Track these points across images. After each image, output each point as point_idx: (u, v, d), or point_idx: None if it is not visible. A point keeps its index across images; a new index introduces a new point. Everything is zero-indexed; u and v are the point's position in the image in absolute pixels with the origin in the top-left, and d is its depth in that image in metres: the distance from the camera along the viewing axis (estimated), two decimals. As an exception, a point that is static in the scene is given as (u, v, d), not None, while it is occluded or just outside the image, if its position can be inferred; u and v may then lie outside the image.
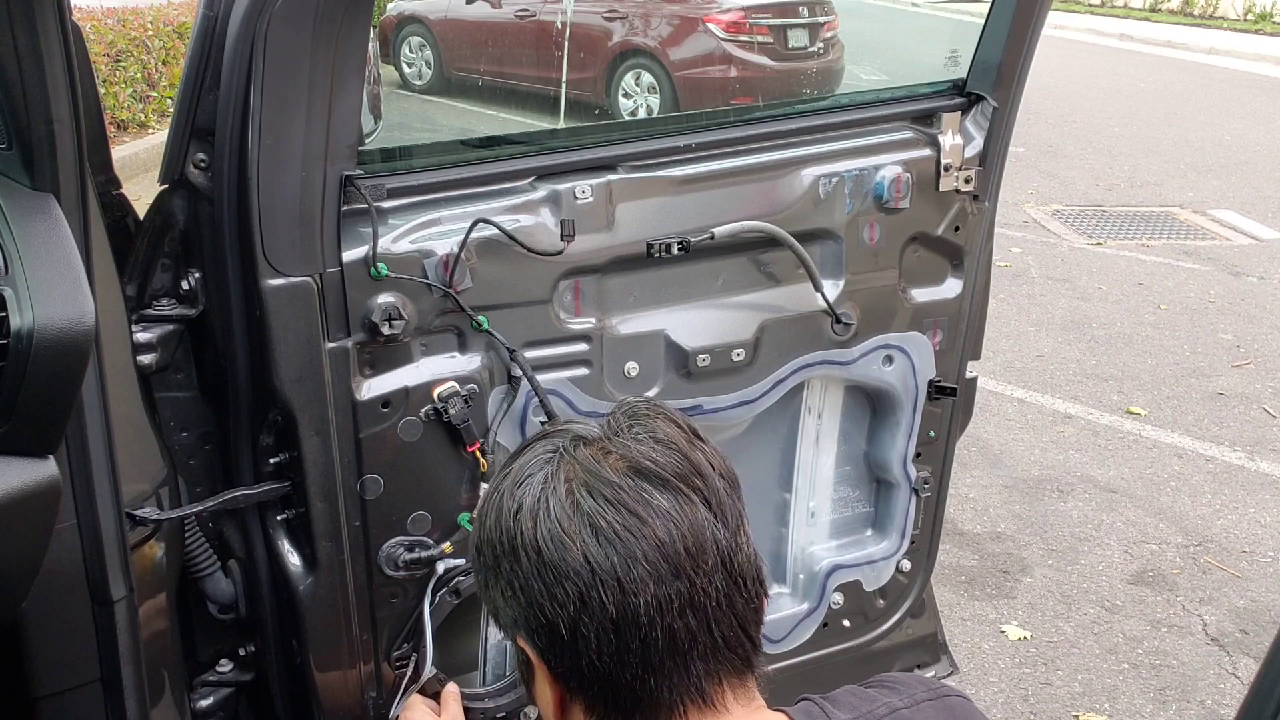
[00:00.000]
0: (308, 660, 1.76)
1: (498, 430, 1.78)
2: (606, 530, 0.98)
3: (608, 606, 0.98)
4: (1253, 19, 18.28)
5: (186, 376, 1.72)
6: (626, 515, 0.99)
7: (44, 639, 1.46)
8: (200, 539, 1.73)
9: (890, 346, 2.12)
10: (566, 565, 0.98)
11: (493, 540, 1.04)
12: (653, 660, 0.99)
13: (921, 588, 2.35)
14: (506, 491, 1.05)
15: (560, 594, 0.98)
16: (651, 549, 0.98)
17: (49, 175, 1.30)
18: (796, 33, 7.87)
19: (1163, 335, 5.68)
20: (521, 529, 1.01)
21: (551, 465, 1.04)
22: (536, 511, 1.01)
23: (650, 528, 0.99)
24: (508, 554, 1.02)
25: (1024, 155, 8.98)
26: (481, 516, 1.09)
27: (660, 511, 0.99)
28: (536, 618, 1.01)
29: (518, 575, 1.01)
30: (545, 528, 0.99)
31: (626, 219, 1.83)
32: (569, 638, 0.99)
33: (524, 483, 1.04)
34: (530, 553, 1.00)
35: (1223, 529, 3.93)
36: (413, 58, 9.00)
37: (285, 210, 1.55)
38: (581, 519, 0.99)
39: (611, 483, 1.00)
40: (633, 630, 0.98)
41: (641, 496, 1.00)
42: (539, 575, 0.99)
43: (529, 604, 1.01)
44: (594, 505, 0.99)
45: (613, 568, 0.98)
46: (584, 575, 0.98)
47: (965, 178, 2.07)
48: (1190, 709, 3.04)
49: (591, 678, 1.00)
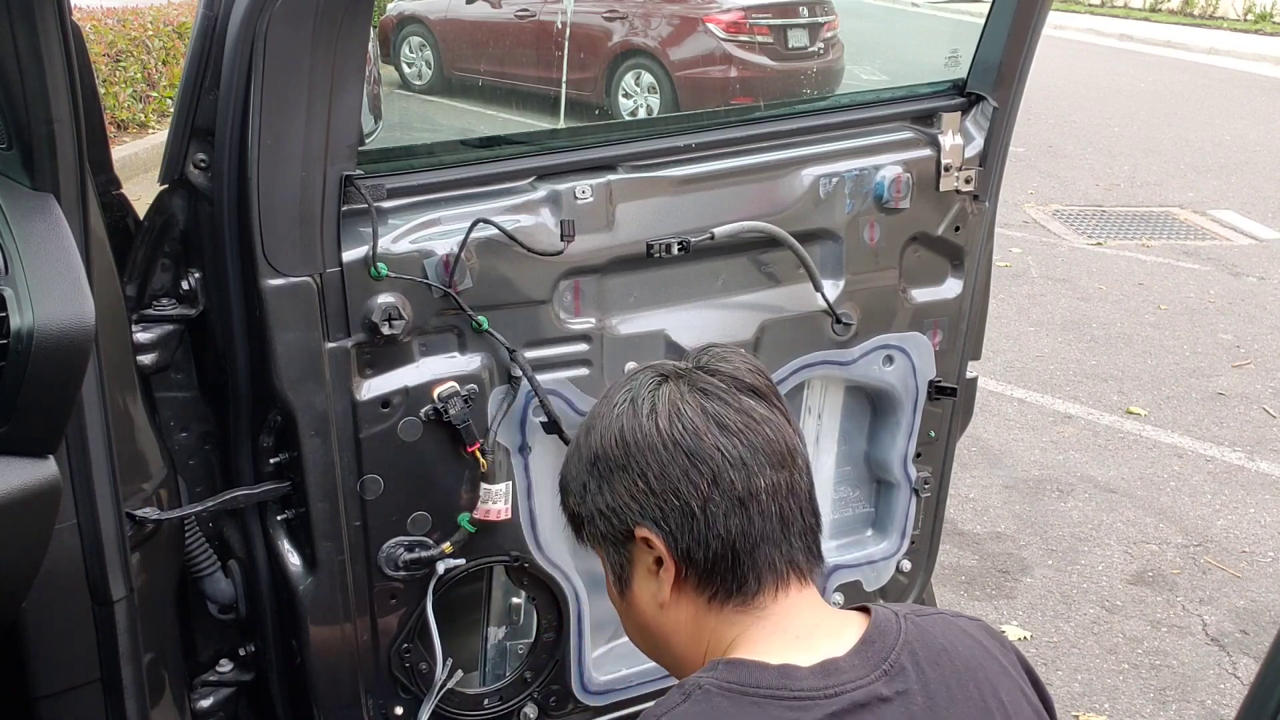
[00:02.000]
0: (308, 660, 1.76)
1: (498, 430, 1.78)
2: (731, 426, 1.17)
3: (736, 485, 1.16)
4: (1253, 19, 18.28)
5: (186, 376, 1.72)
6: (744, 417, 1.18)
7: (44, 639, 1.46)
8: (200, 539, 1.73)
9: (890, 346, 2.12)
10: (702, 450, 1.16)
11: (624, 440, 1.20)
12: (768, 532, 1.17)
13: (922, 588, 2.35)
14: (631, 405, 1.22)
15: (695, 474, 1.16)
16: (764, 443, 1.18)
17: (49, 175, 1.30)
18: (796, 33, 7.86)
19: (1163, 335, 5.68)
20: (658, 426, 1.18)
21: (670, 383, 1.21)
22: (669, 411, 1.18)
23: (762, 427, 1.18)
24: (643, 449, 1.18)
25: (1024, 155, 8.98)
26: (600, 431, 1.23)
27: (762, 418, 1.19)
28: (669, 500, 1.17)
29: (652, 465, 1.17)
30: (680, 423, 1.17)
31: (626, 219, 1.83)
32: (700, 513, 1.16)
33: (647, 397, 1.21)
34: (668, 443, 1.17)
35: (1223, 529, 3.93)
36: (413, 58, 8.99)
37: (285, 210, 1.55)
38: (709, 419, 1.17)
39: (727, 390, 1.20)
40: (754, 505, 1.16)
41: (749, 404, 1.20)
42: (675, 461, 1.16)
43: (664, 490, 1.17)
44: (717, 408, 1.18)
45: (739, 454, 1.16)
46: (716, 458, 1.16)
47: (965, 178, 2.07)
48: (1190, 709, 3.04)
49: (717, 548, 1.16)
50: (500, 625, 1.99)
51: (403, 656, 1.84)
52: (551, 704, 2.00)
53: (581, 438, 1.26)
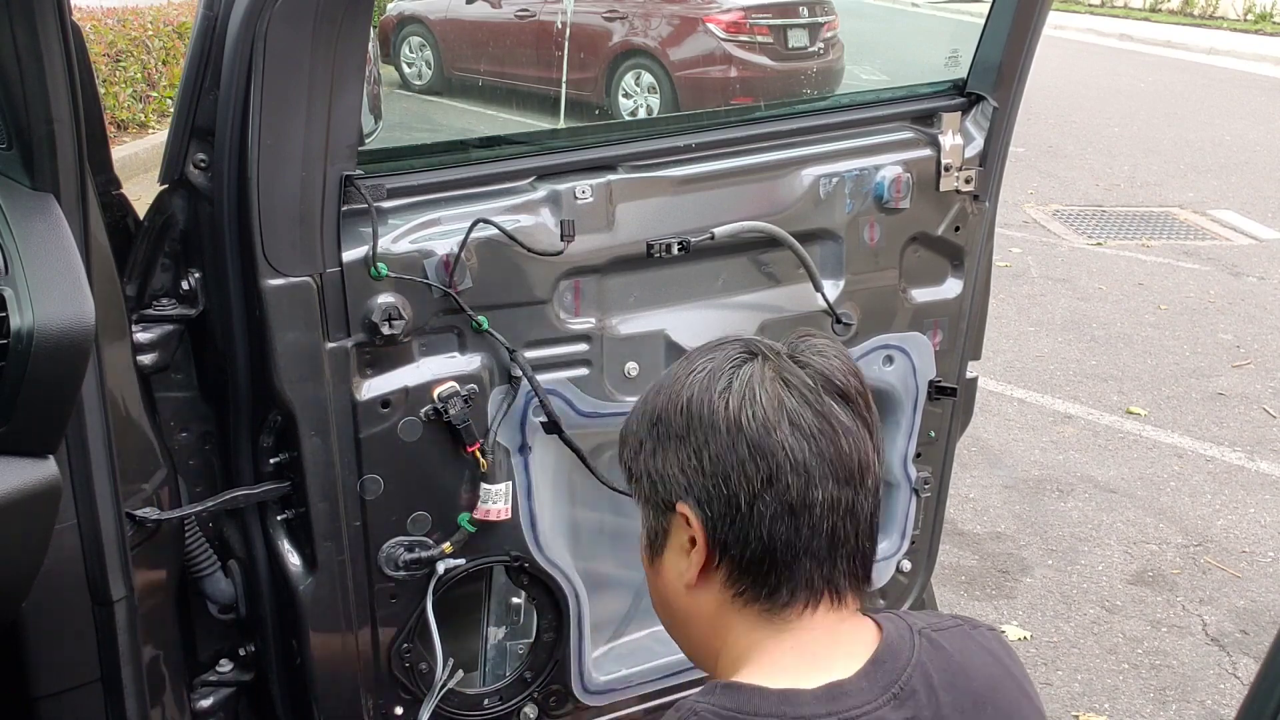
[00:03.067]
0: (308, 660, 1.76)
1: (498, 430, 1.78)
2: (804, 428, 1.10)
3: (791, 490, 1.09)
4: (1253, 19, 18.27)
5: (186, 376, 1.72)
6: (821, 420, 1.10)
7: (44, 639, 1.46)
8: (200, 539, 1.73)
9: (890, 346, 2.12)
10: (765, 445, 1.09)
11: (689, 411, 1.13)
12: (813, 547, 1.11)
13: (922, 588, 2.35)
14: (710, 374, 1.14)
15: (751, 468, 1.09)
16: (835, 455, 1.10)
17: (49, 175, 1.30)
18: (796, 33, 7.86)
19: (1163, 335, 5.68)
20: (728, 404, 1.11)
21: (755, 363, 1.13)
22: (743, 394, 1.11)
23: (838, 437, 1.11)
24: (704, 425, 1.11)
25: (1024, 155, 8.97)
26: (671, 392, 1.16)
27: (843, 427, 1.11)
28: (718, 487, 1.10)
29: (710, 445, 1.11)
30: (750, 410, 1.10)
31: (626, 219, 1.83)
32: (746, 509, 1.10)
33: (727, 370, 1.13)
34: (732, 427, 1.10)
35: (1223, 529, 3.92)
36: (413, 58, 8.99)
37: (285, 210, 1.55)
38: (783, 412, 1.10)
39: (810, 388, 1.11)
40: (806, 517, 1.10)
41: (831, 408, 1.11)
42: (734, 448, 1.09)
43: (714, 473, 1.10)
44: (794, 404, 1.10)
45: (805, 459, 1.09)
46: (778, 456, 1.09)
47: (965, 178, 2.07)
48: (1190, 709, 3.04)
49: (755, 548, 1.11)
50: (500, 625, 1.99)
51: (403, 656, 1.84)
52: (551, 704, 2.00)
53: (650, 394, 1.20)
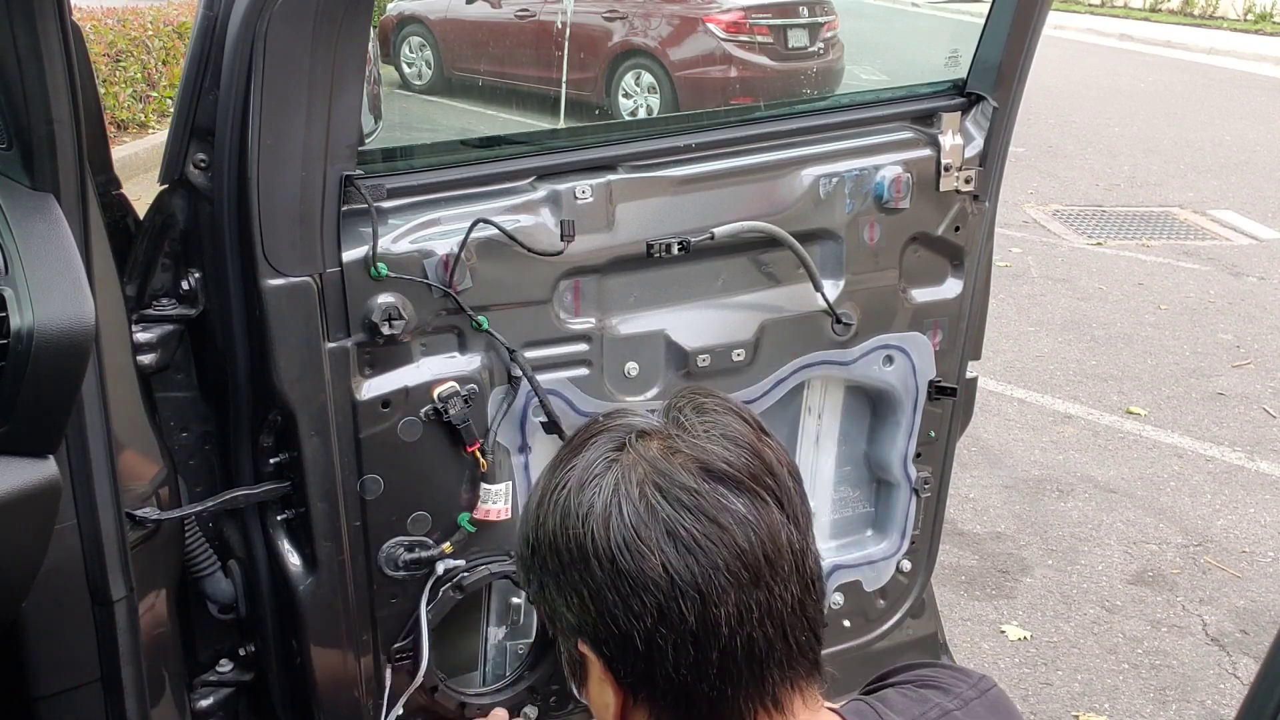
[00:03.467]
0: (308, 660, 1.76)
1: (498, 430, 1.78)
2: (686, 539, 0.94)
3: (688, 618, 0.94)
4: (1253, 19, 18.27)
5: (186, 376, 1.72)
6: (706, 523, 0.94)
7: (44, 639, 1.46)
8: (200, 539, 1.73)
9: (890, 346, 2.12)
10: (645, 576, 0.94)
11: (558, 545, 0.99)
12: (730, 671, 0.96)
13: (922, 588, 2.35)
14: (572, 492, 0.99)
15: (637, 605, 0.94)
16: (732, 558, 0.94)
17: (49, 175, 1.30)
18: (796, 33, 7.86)
19: (1163, 335, 5.68)
20: (594, 535, 0.95)
21: (620, 466, 0.98)
22: (609, 516, 0.95)
23: (730, 535, 0.95)
24: (577, 561, 0.96)
25: (1024, 155, 8.98)
26: (539, 516, 1.02)
27: (738, 518, 0.95)
28: (608, 627, 0.96)
29: (588, 583, 0.96)
30: (620, 535, 0.94)
31: (626, 219, 1.82)
32: (644, 649, 0.95)
33: (590, 483, 0.98)
34: (604, 561, 0.95)
35: (1223, 529, 3.93)
36: (413, 58, 8.99)
37: (285, 210, 1.55)
38: (658, 526, 0.94)
39: (687, 487, 0.95)
40: (713, 641, 0.95)
41: (719, 501, 0.95)
42: (614, 585, 0.95)
43: (600, 613, 0.96)
44: (670, 512, 0.94)
45: (694, 578, 0.93)
46: (663, 586, 0.93)
47: (965, 178, 2.07)
48: (1190, 709, 3.04)
49: (665, 688, 0.97)
50: (500, 625, 1.99)
51: (403, 656, 1.84)
52: (551, 704, 2.00)
53: (530, 505, 1.05)
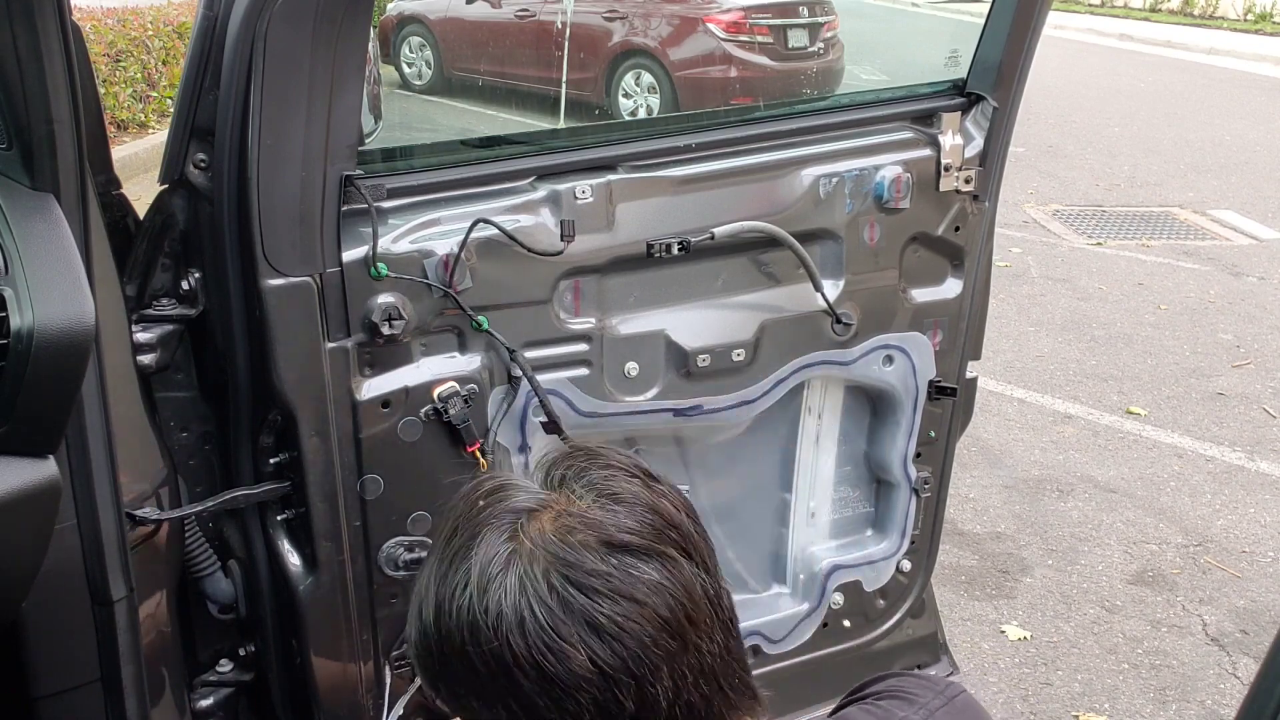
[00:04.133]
0: (308, 660, 1.76)
1: (498, 430, 1.78)
2: (608, 626, 0.89)
3: (626, 705, 0.90)
4: (1253, 19, 18.26)
5: (186, 376, 1.72)
6: (624, 604, 0.90)
7: (44, 639, 1.46)
8: (200, 539, 1.73)
9: (890, 346, 2.12)
10: (575, 677, 0.89)
11: (472, 660, 0.92)
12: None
13: (921, 588, 2.35)
14: (474, 598, 0.92)
15: (573, 706, 0.90)
16: (658, 631, 0.91)
17: (49, 175, 1.30)
18: (796, 33, 7.86)
19: (1163, 335, 5.67)
20: (511, 645, 0.89)
21: (519, 559, 0.92)
22: (522, 621, 0.89)
23: (650, 608, 0.91)
24: (499, 675, 0.90)
25: (1024, 155, 8.97)
26: (441, 628, 0.94)
27: (653, 587, 0.91)
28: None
29: (515, 694, 0.91)
30: (540, 640, 0.89)
31: (626, 219, 1.82)
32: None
33: (493, 586, 0.91)
34: (529, 670, 0.89)
35: (1223, 529, 3.92)
36: (413, 58, 8.99)
37: (285, 210, 1.55)
38: (576, 620, 0.89)
39: (596, 571, 0.90)
40: (654, 718, 0.91)
41: (629, 575, 0.91)
42: (544, 693, 0.90)
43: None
44: (585, 601, 0.89)
45: (624, 664, 0.89)
46: (595, 681, 0.89)
47: (965, 178, 2.07)
48: (1190, 709, 3.03)
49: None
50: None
51: (403, 656, 1.84)
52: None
53: (425, 611, 0.96)
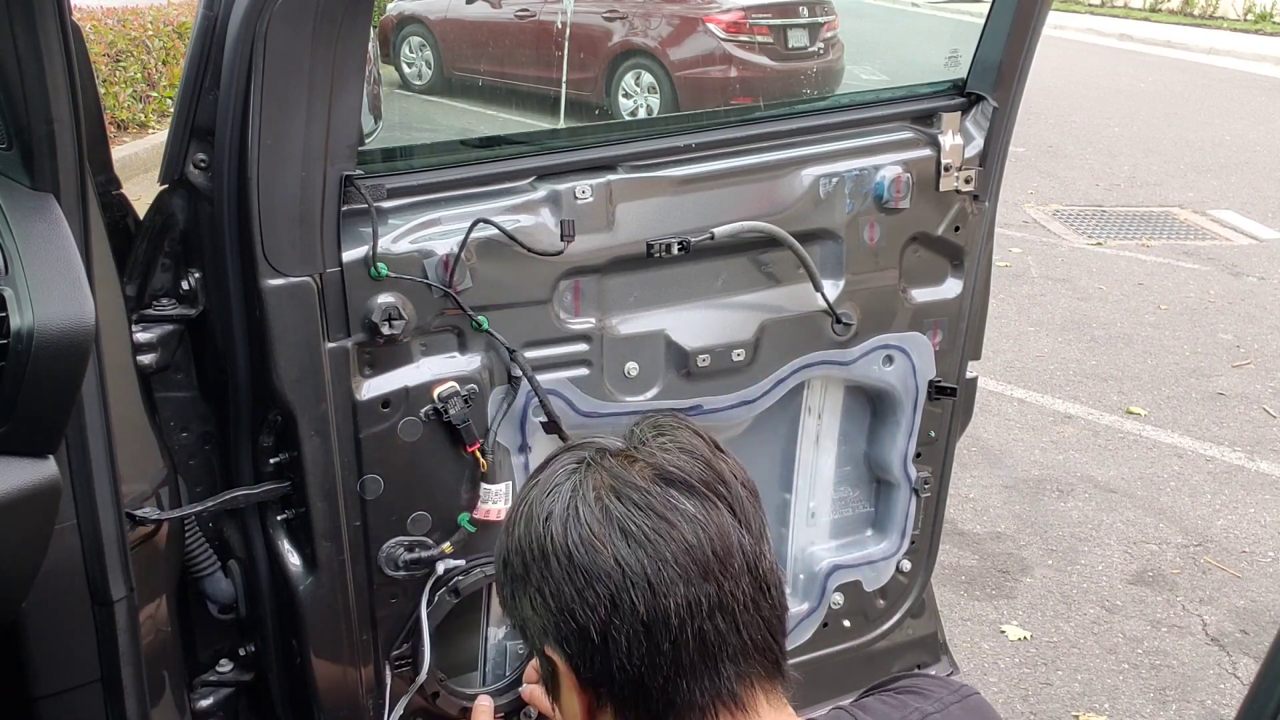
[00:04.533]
0: (308, 660, 1.76)
1: (498, 430, 1.78)
2: (636, 534, 1.00)
3: (638, 608, 0.99)
4: (1253, 19, 18.27)
5: (186, 376, 1.72)
6: (655, 519, 1.01)
7: (44, 639, 1.46)
8: (200, 539, 1.73)
9: (890, 346, 2.12)
10: (598, 568, 1.00)
11: (522, 548, 1.05)
12: (683, 662, 1.00)
13: (921, 588, 2.35)
14: (535, 500, 1.06)
15: (591, 596, 1.00)
16: (680, 551, 1.00)
17: (49, 175, 1.30)
18: (796, 33, 7.86)
19: (1163, 335, 5.68)
20: (552, 534, 1.02)
21: (579, 474, 1.05)
22: (566, 517, 1.02)
23: (679, 531, 1.00)
24: (538, 560, 1.03)
25: (1024, 155, 8.98)
26: (510, 526, 1.10)
27: (687, 516, 1.01)
28: (568, 623, 1.02)
29: (548, 581, 1.02)
30: (576, 532, 1.01)
31: (626, 219, 1.83)
32: (600, 641, 1.00)
33: (552, 491, 1.05)
34: (561, 557, 1.01)
35: (1223, 529, 3.93)
36: (413, 58, 8.99)
37: (285, 210, 1.55)
38: (611, 524, 1.01)
39: (639, 488, 1.02)
40: (663, 632, 1.00)
41: (669, 501, 1.02)
42: (570, 579, 1.00)
43: (560, 609, 1.02)
44: (623, 510, 1.01)
45: (643, 569, 0.99)
46: (615, 577, 0.99)
47: (965, 178, 2.07)
48: (1190, 709, 3.04)
49: (622, 681, 1.01)
50: (500, 625, 1.99)
51: (403, 656, 1.84)
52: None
53: (505, 523, 1.13)
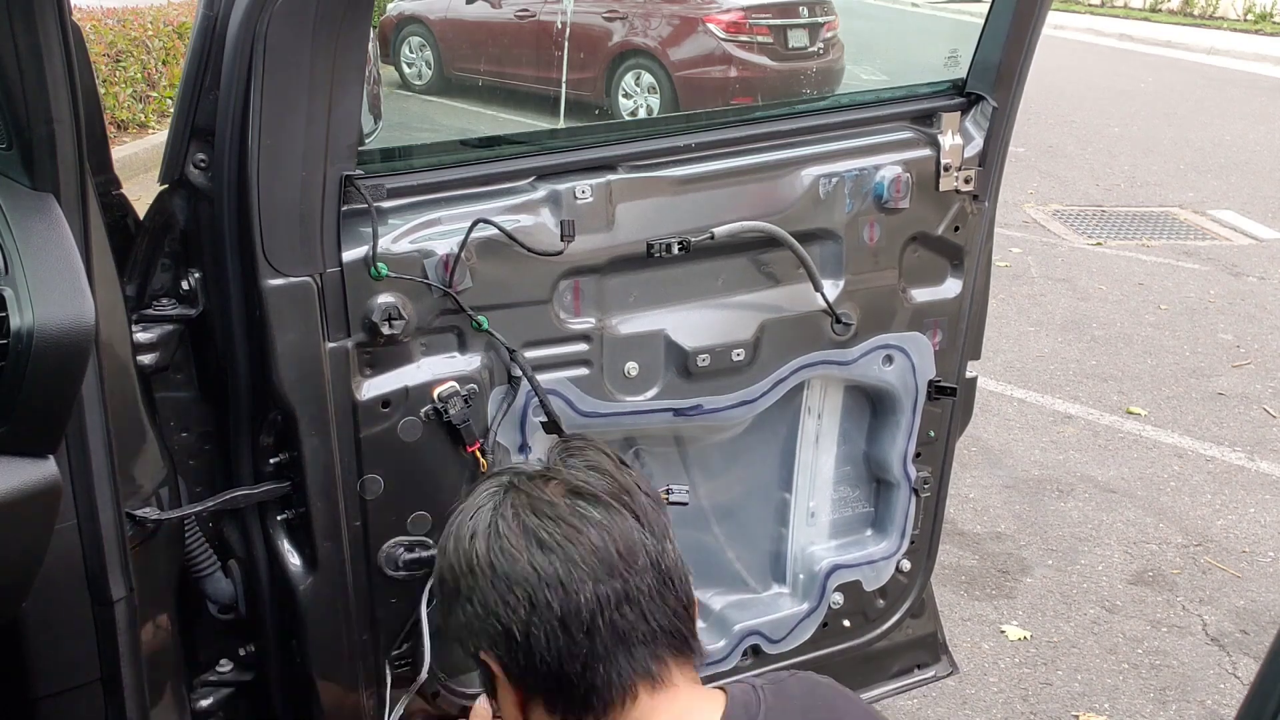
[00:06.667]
0: (308, 660, 1.76)
1: (498, 430, 1.78)
2: (548, 540, 1.15)
3: (553, 606, 1.13)
4: (1253, 19, 18.26)
5: (186, 376, 1.72)
6: (565, 527, 1.16)
7: (44, 639, 1.46)
8: (200, 539, 1.73)
9: (890, 346, 2.12)
10: (516, 573, 1.15)
11: (452, 565, 1.21)
12: (598, 650, 1.14)
13: (921, 588, 2.35)
14: (461, 524, 1.23)
15: (512, 599, 1.14)
16: (588, 553, 1.15)
17: (49, 175, 1.30)
18: (796, 33, 7.86)
19: (1163, 335, 5.68)
20: (476, 550, 1.18)
21: (498, 495, 1.22)
22: (489, 533, 1.18)
23: (586, 535, 1.16)
24: (465, 574, 1.18)
25: (1024, 155, 8.98)
26: (443, 548, 1.26)
27: (594, 522, 1.17)
28: (494, 625, 1.16)
29: (476, 591, 1.17)
30: (496, 545, 1.17)
31: (626, 219, 1.83)
32: (522, 639, 1.15)
33: (475, 513, 1.21)
34: (484, 568, 1.16)
35: (1223, 529, 3.93)
36: (413, 58, 8.99)
37: (285, 210, 1.55)
38: (527, 535, 1.16)
39: (551, 502, 1.18)
40: (577, 625, 1.13)
41: (577, 511, 1.17)
42: (494, 585, 1.16)
43: (486, 614, 1.16)
44: (536, 522, 1.16)
45: (555, 571, 1.14)
46: (531, 580, 1.14)
47: (965, 178, 2.07)
48: (1190, 709, 3.04)
49: (544, 673, 1.15)
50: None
51: (403, 656, 1.84)
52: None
53: (438, 547, 1.30)
